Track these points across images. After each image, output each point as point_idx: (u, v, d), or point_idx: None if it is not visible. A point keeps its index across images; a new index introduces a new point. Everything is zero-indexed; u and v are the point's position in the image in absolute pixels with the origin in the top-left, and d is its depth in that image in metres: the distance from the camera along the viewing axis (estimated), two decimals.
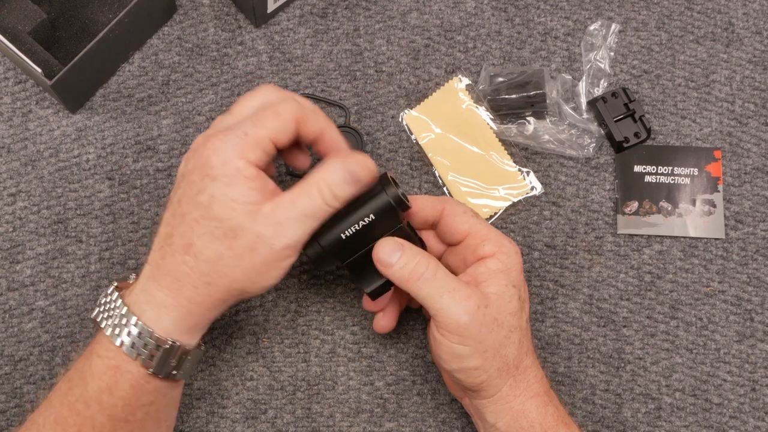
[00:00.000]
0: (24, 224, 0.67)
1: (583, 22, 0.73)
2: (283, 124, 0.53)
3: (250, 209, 0.51)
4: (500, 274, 0.56)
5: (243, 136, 0.52)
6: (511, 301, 0.56)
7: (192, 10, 0.72)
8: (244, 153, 0.51)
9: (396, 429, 0.66)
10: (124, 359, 0.52)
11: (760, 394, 0.67)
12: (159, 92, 0.70)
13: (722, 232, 0.69)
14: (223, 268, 0.52)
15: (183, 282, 0.52)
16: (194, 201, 0.52)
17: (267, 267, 0.53)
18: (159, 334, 0.52)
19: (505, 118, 0.70)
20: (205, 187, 0.51)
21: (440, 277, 0.54)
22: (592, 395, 0.67)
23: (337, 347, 0.67)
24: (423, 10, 0.73)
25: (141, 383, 0.53)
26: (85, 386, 0.53)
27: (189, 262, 0.52)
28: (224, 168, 0.51)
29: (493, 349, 0.55)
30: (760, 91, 0.72)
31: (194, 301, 0.53)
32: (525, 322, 0.57)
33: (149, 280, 0.53)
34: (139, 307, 0.53)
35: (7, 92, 0.70)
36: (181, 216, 0.53)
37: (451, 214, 0.58)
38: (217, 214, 0.51)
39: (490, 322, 0.54)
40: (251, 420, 0.65)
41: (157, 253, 0.54)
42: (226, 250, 0.52)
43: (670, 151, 0.71)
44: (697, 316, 0.68)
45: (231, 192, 0.51)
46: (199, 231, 0.52)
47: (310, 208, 0.52)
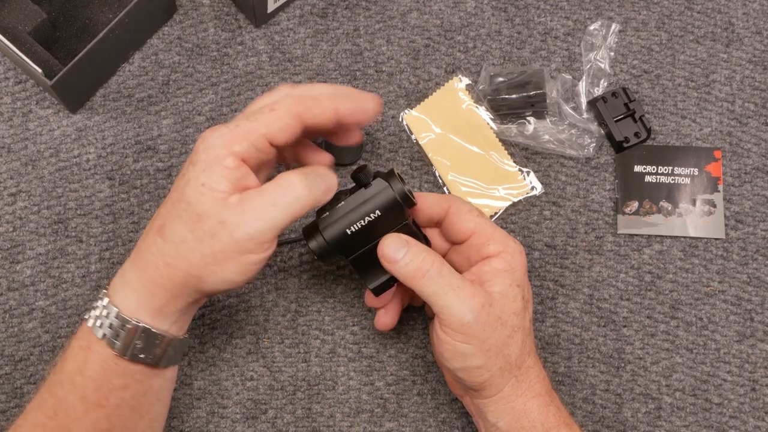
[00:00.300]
0: (24, 224, 0.67)
1: (583, 22, 0.73)
2: (278, 119, 0.52)
3: (218, 196, 0.51)
4: (504, 273, 0.56)
5: (233, 127, 0.52)
6: (515, 300, 0.56)
7: (192, 10, 0.72)
8: (230, 143, 0.51)
9: (396, 429, 0.66)
10: (95, 340, 0.53)
11: (760, 394, 0.67)
12: (159, 92, 0.70)
13: (722, 232, 0.69)
14: (183, 251, 0.52)
15: (148, 262, 0.53)
16: (177, 185, 0.53)
17: (225, 256, 0.52)
18: (124, 314, 0.52)
19: (505, 118, 0.70)
20: (186, 171, 0.52)
21: (445, 275, 0.54)
22: (592, 395, 0.67)
23: (337, 347, 0.67)
24: (423, 10, 0.73)
25: (110, 364, 0.53)
26: (62, 368, 0.54)
27: (157, 242, 0.52)
28: (205, 155, 0.51)
29: (496, 348, 0.55)
30: (760, 91, 0.72)
31: (155, 282, 0.53)
32: (528, 322, 0.57)
33: (127, 262, 0.54)
34: (113, 288, 0.54)
35: (7, 92, 0.70)
36: (166, 199, 0.54)
37: (456, 212, 0.58)
38: (188, 196, 0.51)
39: (494, 321, 0.54)
40: (251, 420, 0.65)
41: (140, 237, 0.55)
42: (189, 233, 0.51)
43: (670, 151, 0.71)
44: (697, 316, 0.68)
45: (204, 177, 0.51)
46: (173, 213, 0.52)
47: (277, 201, 0.52)
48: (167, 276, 0.52)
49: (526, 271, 0.58)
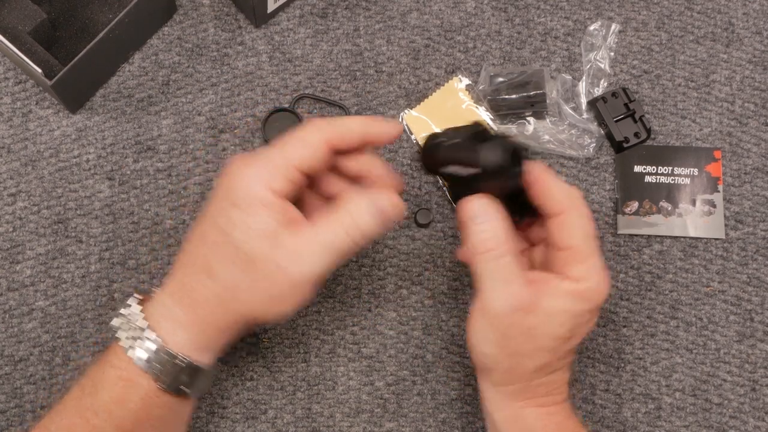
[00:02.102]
0: (24, 224, 0.67)
1: (583, 22, 0.73)
2: (309, 149, 0.52)
3: (268, 238, 0.51)
4: (568, 296, 0.53)
5: (267, 164, 0.51)
6: (561, 325, 0.53)
7: (192, 10, 0.72)
8: (268, 181, 0.51)
9: (396, 429, 0.66)
10: (137, 372, 0.52)
11: (760, 394, 0.67)
12: (159, 92, 0.70)
13: (722, 232, 0.69)
14: (239, 293, 0.52)
15: (199, 302, 0.52)
16: (216, 225, 0.52)
17: (283, 297, 0.52)
18: (172, 349, 0.52)
19: (505, 118, 0.70)
20: (226, 212, 0.51)
21: (503, 264, 0.52)
22: (592, 395, 0.67)
23: (337, 347, 0.67)
24: (423, 10, 0.73)
25: (151, 397, 0.53)
26: (96, 395, 0.53)
27: (207, 284, 0.52)
28: (245, 195, 0.51)
29: (513, 351, 0.54)
30: (760, 91, 0.72)
31: (209, 321, 0.53)
32: (568, 350, 0.54)
33: (169, 296, 0.54)
34: (156, 320, 0.53)
35: (7, 92, 0.70)
36: (203, 237, 0.53)
37: (568, 223, 0.54)
38: (235, 240, 0.51)
39: (524, 329, 0.53)
40: (251, 420, 0.65)
41: (179, 270, 0.54)
42: (244, 277, 0.51)
43: (670, 151, 0.71)
44: (697, 316, 0.68)
45: (250, 220, 0.51)
46: (219, 256, 0.52)
47: (332, 242, 0.51)
48: (222, 317, 0.53)
49: (594, 311, 0.54)
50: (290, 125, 0.69)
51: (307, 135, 0.52)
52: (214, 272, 0.52)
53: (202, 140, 0.69)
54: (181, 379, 0.53)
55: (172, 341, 0.53)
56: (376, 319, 0.67)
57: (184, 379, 0.53)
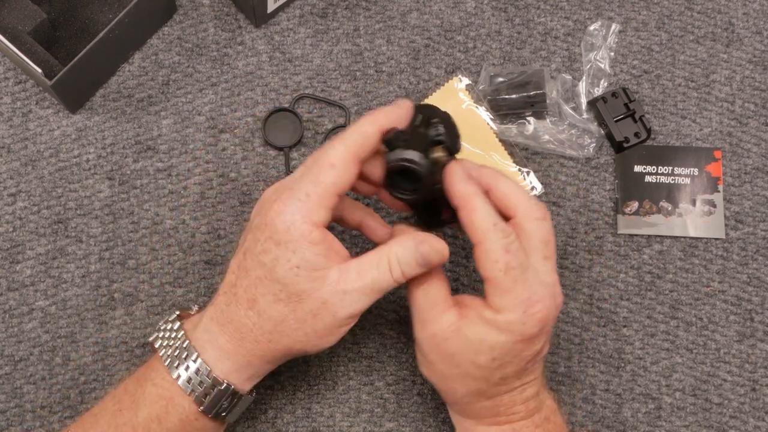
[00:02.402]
0: (24, 224, 0.67)
1: (583, 22, 0.73)
2: (341, 172, 0.52)
3: (315, 275, 0.51)
4: (486, 326, 0.52)
5: (305, 198, 0.51)
6: (482, 354, 0.52)
7: (192, 10, 0.72)
8: (308, 216, 0.51)
9: (396, 429, 0.66)
10: (178, 392, 0.53)
11: (760, 394, 0.67)
12: (159, 92, 0.70)
13: (722, 232, 0.69)
14: (285, 329, 0.52)
15: (245, 334, 0.53)
16: (258, 260, 0.52)
17: (328, 332, 0.53)
18: (217, 375, 0.53)
19: (505, 118, 0.70)
20: (269, 249, 0.51)
21: (422, 292, 0.54)
22: (592, 395, 0.67)
23: (337, 347, 0.67)
24: (423, 10, 0.73)
25: (191, 419, 0.54)
26: (135, 411, 0.53)
27: (252, 317, 0.53)
28: (288, 233, 0.51)
29: (440, 375, 0.55)
30: (760, 91, 0.72)
31: (254, 353, 0.53)
32: (498, 380, 0.54)
33: (213, 322, 0.54)
34: (201, 345, 0.54)
35: (7, 92, 0.70)
36: (245, 270, 0.53)
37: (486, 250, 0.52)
38: (281, 278, 0.51)
39: (445, 355, 0.54)
40: (251, 420, 0.65)
41: (222, 297, 0.54)
42: (290, 313, 0.52)
43: (670, 151, 0.71)
44: (698, 316, 0.68)
45: (295, 258, 0.51)
46: (263, 290, 0.52)
47: (377, 283, 0.52)
48: (268, 350, 0.53)
49: (526, 342, 0.52)
50: (290, 125, 0.69)
51: (336, 158, 0.52)
52: (258, 307, 0.52)
53: (202, 140, 0.69)
54: (222, 404, 0.54)
55: (218, 368, 0.53)
56: (376, 319, 0.67)
57: (224, 405, 0.54)
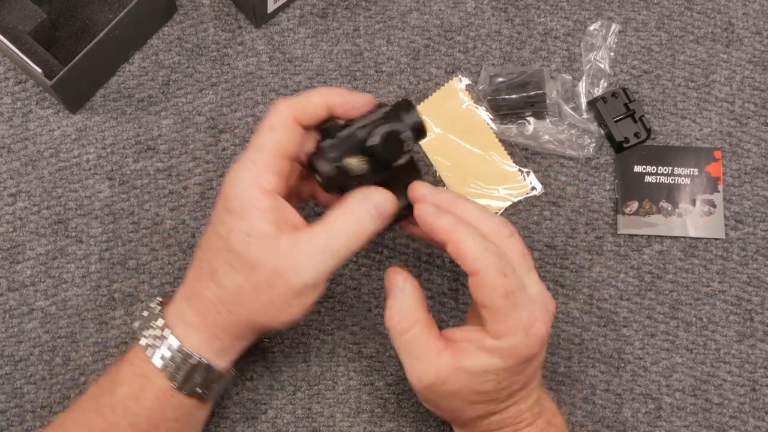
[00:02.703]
0: (24, 224, 0.67)
1: (583, 22, 0.73)
2: (280, 133, 0.52)
3: (266, 243, 0.51)
4: (488, 355, 0.52)
5: (251, 165, 0.51)
6: (486, 383, 0.52)
7: (192, 10, 0.72)
8: (256, 182, 0.51)
9: (396, 429, 0.66)
10: (152, 369, 0.53)
11: (760, 394, 0.67)
12: (159, 92, 0.70)
13: (722, 232, 0.69)
14: (242, 299, 0.52)
15: (208, 307, 0.53)
16: (216, 232, 0.53)
17: (286, 303, 0.52)
18: (187, 349, 0.53)
19: (505, 118, 0.70)
20: (224, 219, 0.52)
21: (410, 339, 0.53)
22: (592, 395, 0.67)
23: (337, 347, 0.67)
24: (423, 10, 0.73)
25: (166, 396, 0.53)
26: (113, 391, 0.54)
27: (212, 288, 0.53)
28: (238, 201, 0.51)
29: (445, 409, 0.56)
30: (760, 91, 0.72)
31: (218, 326, 0.53)
32: (504, 398, 0.53)
33: (182, 299, 0.55)
34: (173, 322, 0.54)
35: (7, 92, 0.70)
36: (207, 243, 0.54)
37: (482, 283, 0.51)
38: (234, 247, 0.51)
39: (448, 394, 0.53)
40: (251, 420, 0.65)
41: (191, 273, 0.55)
42: (245, 282, 0.52)
43: (670, 151, 0.71)
44: (697, 316, 0.68)
45: (245, 226, 0.51)
46: (221, 261, 0.52)
47: (331, 246, 0.51)
48: (230, 321, 0.53)
49: (526, 363, 0.52)
50: None
51: (273, 119, 0.52)
52: (218, 278, 0.52)
53: (202, 140, 0.69)
54: (194, 379, 0.53)
55: (188, 342, 0.53)
56: (376, 319, 0.67)
57: (197, 380, 0.53)
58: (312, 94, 0.53)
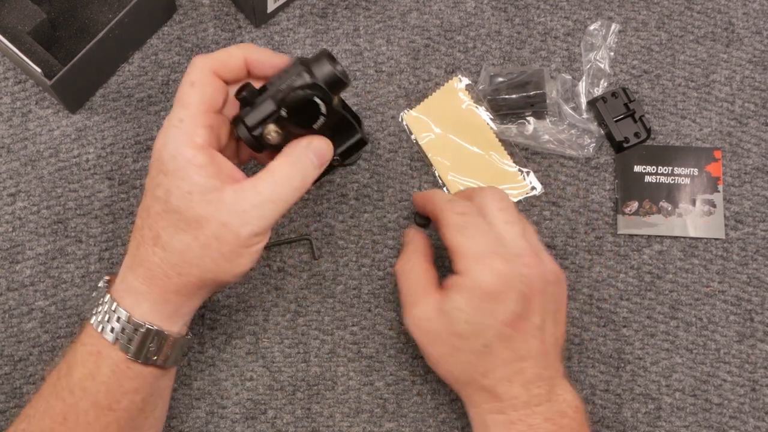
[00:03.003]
0: (24, 224, 0.67)
1: (583, 22, 0.73)
2: (203, 87, 0.52)
3: (209, 198, 0.51)
4: (458, 293, 0.54)
5: (179, 123, 0.51)
6: (455, 323, 0.54)
7: (192, 10, 0.72)
8: (188, 140, 0.51)
9: (396, 429, 0.66)
10: (105, 345, 0.53)
11: (760, 394, 0.67)
12: (159, 92, 0.70)
13: (722, 232, 0.69)
14: (191, 258, 0.52)
15: (155, 272, 0.53)
16: (154, 195, 0.52)
17: (236, 254, 0.52)
18: (137, 319, 0.53)
19: (505, 118, 0.70)
20: (160, 181, 0.52)
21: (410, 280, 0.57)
22: (592, 395, 0.67)
23: (337, 347, 0.67)
24: (423, 10, 0.73)
25: (122, 368, 0.53)
26: (70, 375, 0.53)
27: (158, 253, 0.52)
28: (174, 161, 0.51)
29: (436, 358, 0.57)
30: (760, 91, 0.72)
31: (168, 289, 0.53)
32: (480, 344, 0.54)
33: (127, 270, 0.54)
34: (120, 295, 0.54)
35: (6, 92, 0.70)
36: (146, 209, 0.53)
37: (440, 224, 0.57)
38: (176, 207, 0.51)
39: (433, 334, 0.56)
40: (251, 420, 0.65)
41: (132, 243, 0.54)
42: (192, 241, 0.51)
43: (670, 151, 0.71)
44: (697, 316, 0.68)
45: (185, 184, 0.51)
46: (163, 224, 0.52)
47: (276, 194, 0.52)
48: (180, 283, 0.53)
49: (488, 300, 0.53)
50: None
51: (193, 74, 0.52)
52: (162, 241, 0.52)
53: None
54: (148, 347, 0.53)
55: (138, 312, 0.53)
56: (376, 319, 0.67)
57: (152, 348, 0.53)
58: (230, 48, 0.54)
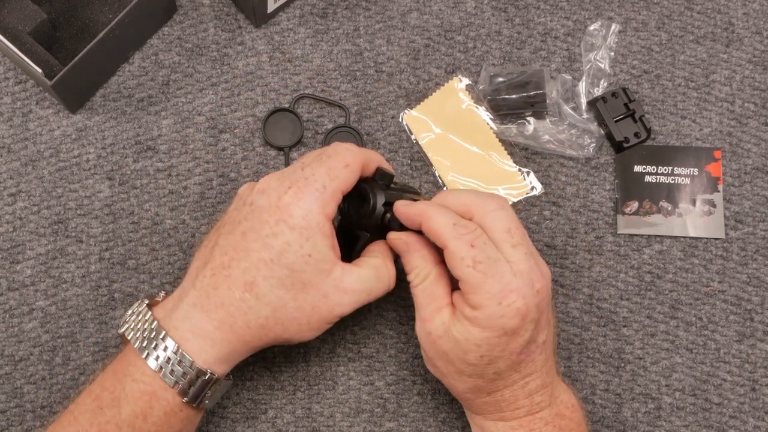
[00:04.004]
0: (24, 224, 0.67)
1: (583, 22, 0.73)
2: (351, 174, 0.54)
3: (323, 267, 0.52)
4: (468, 324, 0.52)
5: (322, 189, 0.52)
6: (469, 353, 0.52)
7: (192, 10, 0.72)
8: (323, 207, 0.52)
9: (396, 429, 0.66)
10: (161, 386, 0.52)
11: (760, 394, 0.67)
12: (159, 92, 0.70)
13: (722, 232, 0.69)
14: (282, 315, 0.52)
15: (236, 319, 0.52)
16: (264, 242, 0.52)
17: (319, 326, 0.54)
18: (200, 366, 0.52)
19: (505, 118, 0.70)
20: (280, 232, 0.51)
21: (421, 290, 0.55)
22: (592, 395, 0.67)
23: (337, 347, 0.67)
24: (423, 10, 0.73)
25: (175, 411, 0.53)
26: (118, 409, 0.52)
27: (248, 300, 0.52)
28: (304, 220, 0.51)
29: (441, 372, 0.56)
30: (760, 91, 0.72)
31: (243, 339, 0.53)
32: (492, 376, 0.54)
33: (195, 308, 0.53)
34: (182, 335, 0.52)
35: (7, 92, 0.70)
36: (244, 251, 0.52)
37: (450, 256, 0.53)
38: (290, 263, 0.51)
39: (441, 353, 0.55)
40: (251, 420, 0.65)
41: (207, 280, 0.53)
42: (291, 300, 0.52)
43: (670, 151, 0.71)
44: (697, 316, 0.68)
45: (308, 246, 0.51)
46: (266, 273, 0.51)
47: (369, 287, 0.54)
48: (258, 335, 0.53)
49: (508, 335, 0.52)
50: (290, 125, 0.69)
51: (352, 159, 0.54)
52: (258, 290, 0.52)
53: (202, 140, 0.69)
54: (206, 393, 0.53)
55: (201, 358, 0.52)
56: (376, 319, 0.67)
57: (207, 393, 0.54)
58: (373, 153, 0.57)
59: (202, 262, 0.54)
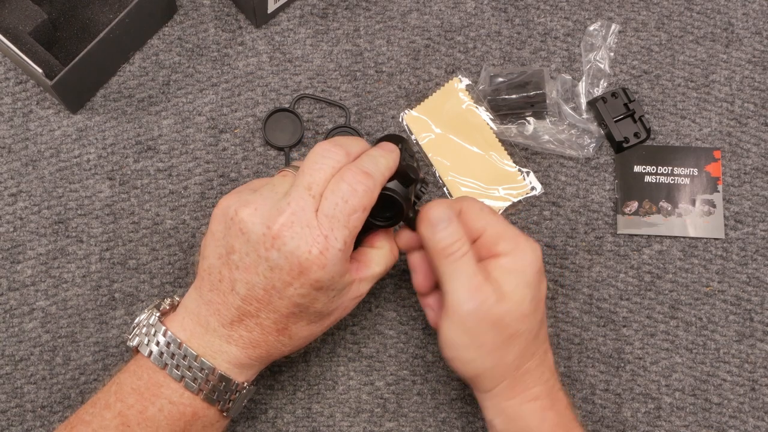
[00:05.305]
0: (25, 224, 0.67)
1: (583, 22, 0.73)
2: (365, 215, 0.53)
3: (345, 291, 0.55)
4: (513, 273, 0.55)
5: (344, 247, 0.52)
6: (523, 302, 0.55)
7: (192, 11, 0.72)
8: (347, 260, 0.53)
9: (396, 429, 0.66)
10: (203, 406, 0.54)
11: (760, 394, 0.67)
12: (159, 92, 0.70)
13: (722, 232, 0.70)
14: (310, 338, 0.56)
15: (273, 352, 0.55)
16: (290, 300, 0.52)
17: (315, 338, 0.57)
18: (239, 381, 0.55)
19: (505, 118, 0.70)
20: (308, 293, 0.52)
21: (465, 261, 0.54)
22: (592, 395, 0.67)
23: (337, 347, 0.67)
24: (423, 10, 0.73)
25: (213, 423, 0.55)
26: (154, 429, 0.53)
27: (284, 341, 0.55)
28: (332, 281, 0.52)
29: (491, 347, 0.55)
30: (760, 91, 0.72)
31: (270, 358, 0.56)
32: (537, 322, 0.56)
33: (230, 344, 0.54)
34: (219, 364, 0.54)
35: (7, 92, 0.70)
36: (271, 306, 0.53)
37: (467, 211, 0.57)
38: (319, 309, 0.54)
39: (493, 321, 0.54)
40: (251, 420, 0.65)
41: (238, 324, 0.54)
42: (318, 327, 0.56)
43: (669, 151, 0.71)
44: (697, 316, 0.68)
45: (333, 292, 0.54)
46: (295, 320, 0.54)
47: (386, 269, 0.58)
48: (281, 353, 0.56)
49: (541, 270, 0.56)
50: (290, 125, 0.70)
51: (367, 200, 0.53)
52: (290, 332, 0.54)
53: (203, 140, 0.70)
54: (240, 404, 0.57)
55: (241, 380, 0.55)
56: (376, 319, 0.67)
57: (243, 404, 0.57)
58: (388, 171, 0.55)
59: (222, 302, 0.53)
